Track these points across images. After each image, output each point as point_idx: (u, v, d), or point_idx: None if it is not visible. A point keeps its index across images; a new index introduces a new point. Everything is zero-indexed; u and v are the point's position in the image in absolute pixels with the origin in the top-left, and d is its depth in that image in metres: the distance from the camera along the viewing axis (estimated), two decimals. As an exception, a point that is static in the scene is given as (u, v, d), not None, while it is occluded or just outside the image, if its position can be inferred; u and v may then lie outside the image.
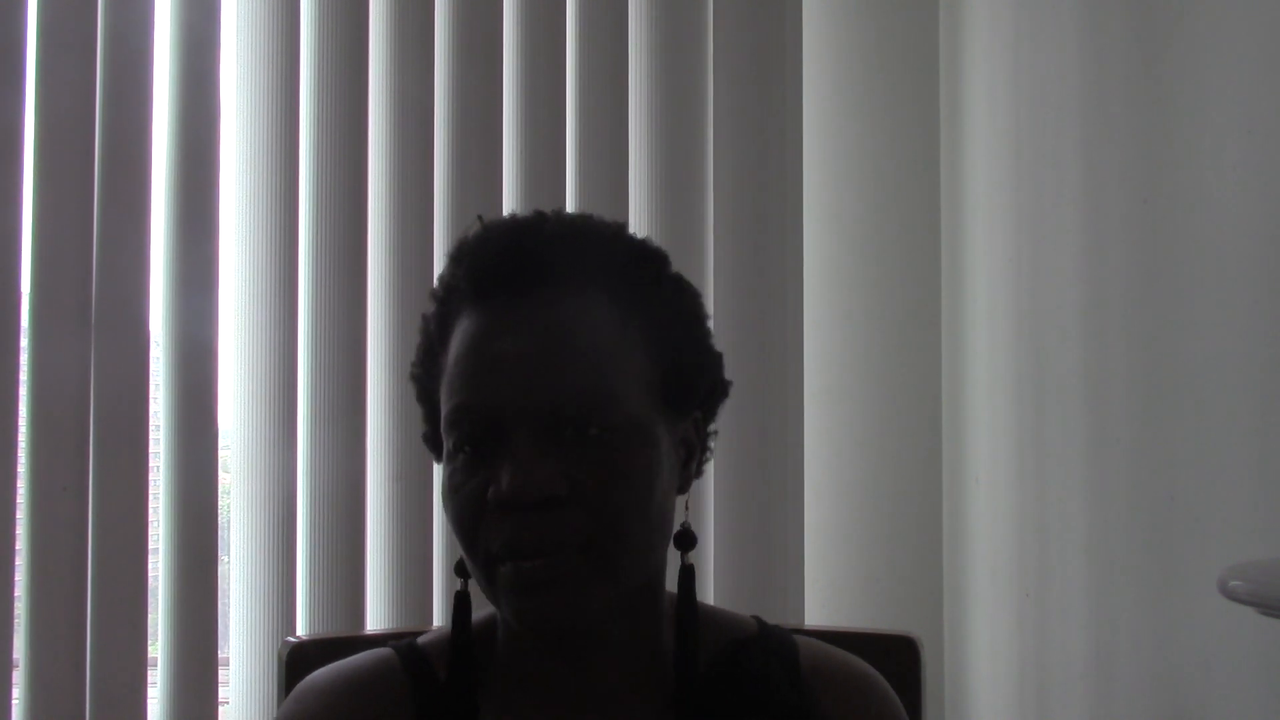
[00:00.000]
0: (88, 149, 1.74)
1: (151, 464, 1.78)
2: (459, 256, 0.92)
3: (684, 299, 0.95)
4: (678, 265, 0.96)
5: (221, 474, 1.84)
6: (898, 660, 1.18)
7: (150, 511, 1.77)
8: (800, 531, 2.14)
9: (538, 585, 0.84)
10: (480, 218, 0.94)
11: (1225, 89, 1.64)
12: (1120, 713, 1.83)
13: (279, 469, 1.84)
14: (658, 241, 0.97)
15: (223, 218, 1.83)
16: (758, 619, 1.00)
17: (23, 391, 1.70)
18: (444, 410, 0.88)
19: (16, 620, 1.70)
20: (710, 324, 0.97)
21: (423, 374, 0.94)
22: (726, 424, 1.00)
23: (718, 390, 0.97)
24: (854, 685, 0.97)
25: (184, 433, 1.79)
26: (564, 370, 0.85)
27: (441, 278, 0.93)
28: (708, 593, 2.07)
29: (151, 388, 1.78)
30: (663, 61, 2.11)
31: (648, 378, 0.89)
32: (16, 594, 1.70)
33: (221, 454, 1.85)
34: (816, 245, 2.22)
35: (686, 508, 0.94)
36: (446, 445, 0.88)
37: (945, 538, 2.25)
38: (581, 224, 0.94)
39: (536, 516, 0.83)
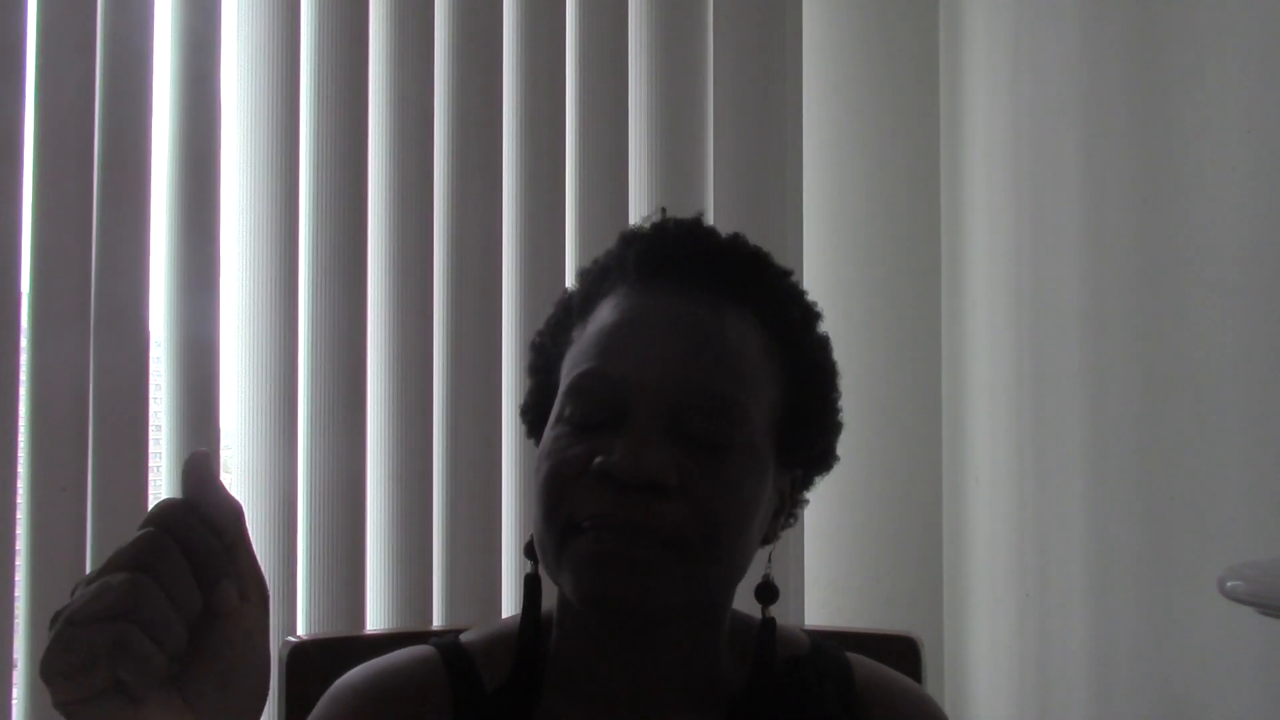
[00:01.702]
0: (88, 149, 1.74)
1: (153, 464, 1.78)
2: (631, 239, 0.91)
3: (826, 358, 0.94)
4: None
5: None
6: (898, 660, 1.18)
7: (151, 512, 1.77)
8: (800, 531, 2.14)
9: (612, 562, 0.81)
10: (664, 209, 0.95)
11: (1225, 89, 1.64)
12: (1120, 713, 1.83)
13: (279, 469, 1.84)
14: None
15: (223, 217, 1.83)
16: (809, 635, 0.98)
17: (23, 391, 1.70)
18: (571, 374, 0.86)
19: (16, 620, 1.70)
20: (841, 402, 0.96)
21: (548, 343, 0.93)
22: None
23: (826, 459, 0.95)
24: (906, 705, 0.95)
25: (185, 433, 1.79)
26: (708, 370, 0.84)
27: (599, 258, 0.93)
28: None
29: (153, 388, 1.78)
30: (663, 61, 2.11)
31: (773, 414, 0.88)
32: (16, 594, 1.69)
33: (222, 454, 1.85)
34: (816, 245, 2.22)
35: (770, 560, 0.92)
36: (559, 410, 0.86)
37: (945, 538, 2.25)
38: (756, 250, 0.94)
39: (636, 497, 0.81)
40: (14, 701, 1.71)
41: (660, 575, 0.81)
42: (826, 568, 2.23)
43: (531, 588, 0.90)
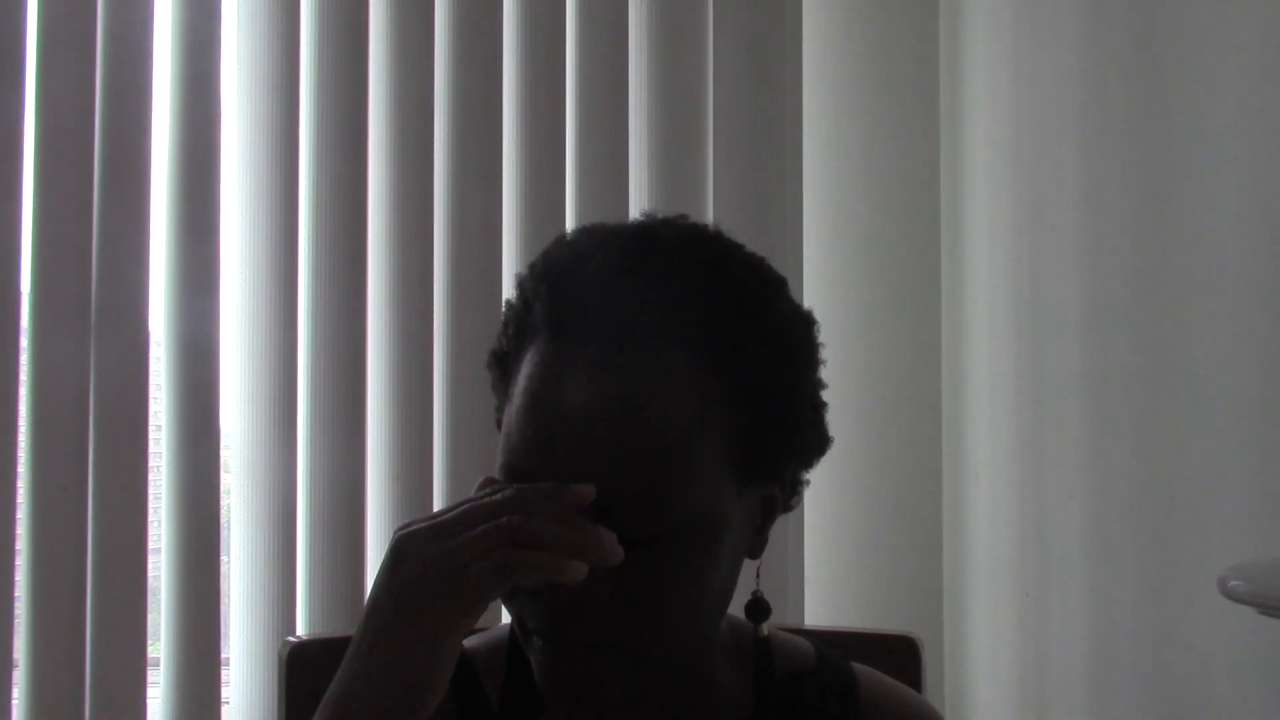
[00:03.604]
0: (88, 149, 1.74)
1: (153, 464, 1.78)
2: (540, 279, 0.83)
3: (791, 355, 0.84)
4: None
5: (222, 474, 1.84)
6: (898, 660, 1.18)
7: (151, 511, 1.77)
8: (800, 531, 2.14)
9: (560, 673, 0.80)
10: (566, 236, 0.85)
11: (1225, 89, 1.64)
12: (1120, 713, 1.83)
13: (279, 469, 1.84)
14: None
15: (223, 218, 1.83)
16: (815, 645, 0.95)
17: (23, 391, 1.70)
18: (498, 461, 0.82)
19: (16, 620, 1.70)
20: (821, 359, 0.86)
21: (500, 375, 0.86)
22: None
23: (815, 448, 0.87)
24: None
25: (185, 433, 1.79)
26: (623, 465, 0.77)
27: (524, 282, 0.85)
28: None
29: (153, 388, 1.78)
30: (663, 61, 2.11)
31: (726, 457, 0.80)
32: (16, 594, 1.69)
33: (222, 454, 1.85)
34: (816, 245, 2.22)
35: (758, 575, 0.87)
36: None
37: (945, 538, 2.25)
38: (692, 271, 0.82)
39: (572, 612, 0.78)
40: (14, 702, 1.71)
41: (611, 677, 0.80)
42: (826, 568, 2.22)
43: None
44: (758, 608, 0.88)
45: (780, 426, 0.82)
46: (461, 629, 0.75)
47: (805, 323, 0.86)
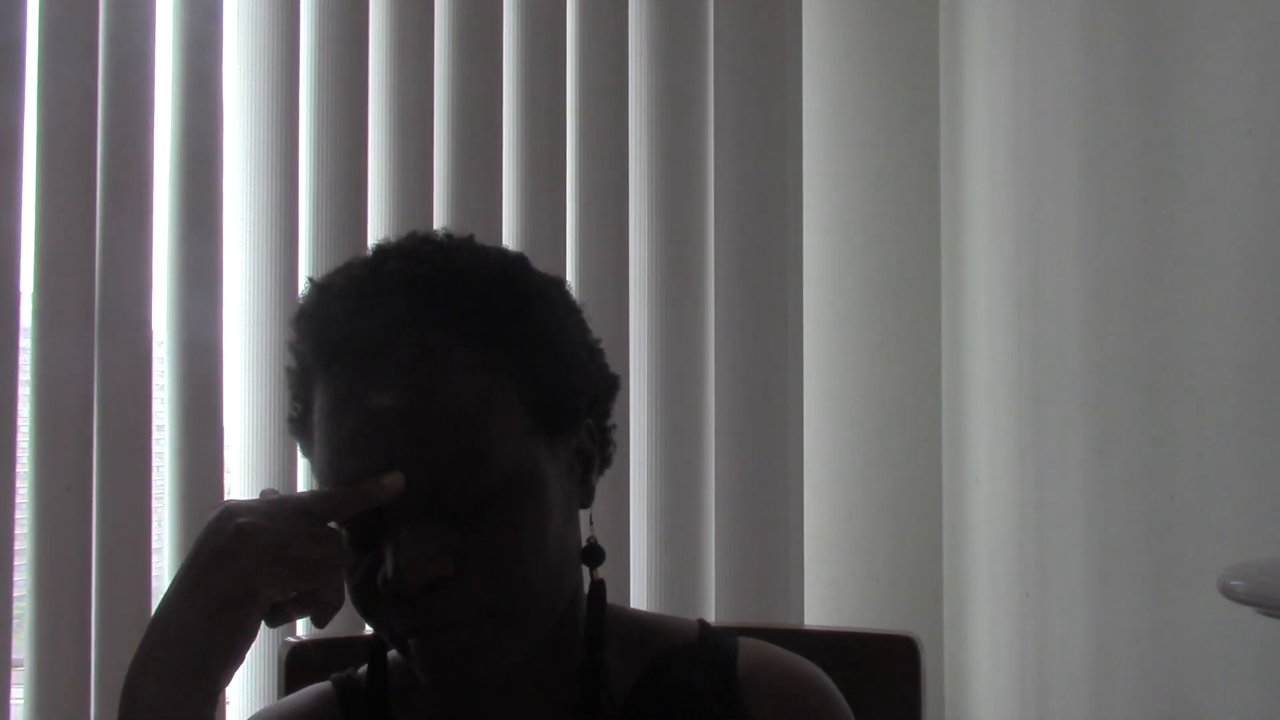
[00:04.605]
0: (90, 149, 1.74)
1: (155, 464, 1.78)
2: (300, 328, 0.88)
3: (549, 309, 0.89)
4: (678, 266, 0.92)
5: (225, 474, 1.84)
6: (898, 660, 1.18)
7: (154, 511, 1.77)
8: (800, 531, 2.14)
9: (443, 660, 0.84)
10: (311, 279, 0.90)
11: (1225, 89, 1.65)
12: (1120, 713, 1.83)
13: (280, 469, 1.84)
14: (653, 244, 0.93)
15: (225, 217, 1.83)
16: (701, 623, 0.97)
17: (26, 391, 1.70)
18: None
19: (19, 620, 1.70)
20: (583, 315, 0.93)
21: (302, 433, 0.90)
22: (727, 424, 0.98)
23: (604, 390, 0.93)
24: (793, 691, 0.92)
25: (188, 433, 1.79)
26: (425, 449, 0.81)
27: (291, 341, 0.89)
28: (707, 594, 2.07)
29: (155, 388, 1.78)
30: (663, 62, 2.11)
31: (523, 414, 0.85)
32: (20, 593, 1.70)
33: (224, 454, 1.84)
34: (816, 246, 2.22)
35: (591, 522, 0.91)
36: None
37: (945, 538, 2.26)
38: (426, 262, 0.87)
39: (427, 601, 0.82)
40: (18, 702, 1.72)
41: (490, 646, 0.84)
42: (826, 568, 2.23)
43: (375, 650, 0.95)
44: (592, 552, 0.91)
45: (560, 369, 0.88)
46: (273, 595, 0.84)
47: (555, 281, 0.93)
